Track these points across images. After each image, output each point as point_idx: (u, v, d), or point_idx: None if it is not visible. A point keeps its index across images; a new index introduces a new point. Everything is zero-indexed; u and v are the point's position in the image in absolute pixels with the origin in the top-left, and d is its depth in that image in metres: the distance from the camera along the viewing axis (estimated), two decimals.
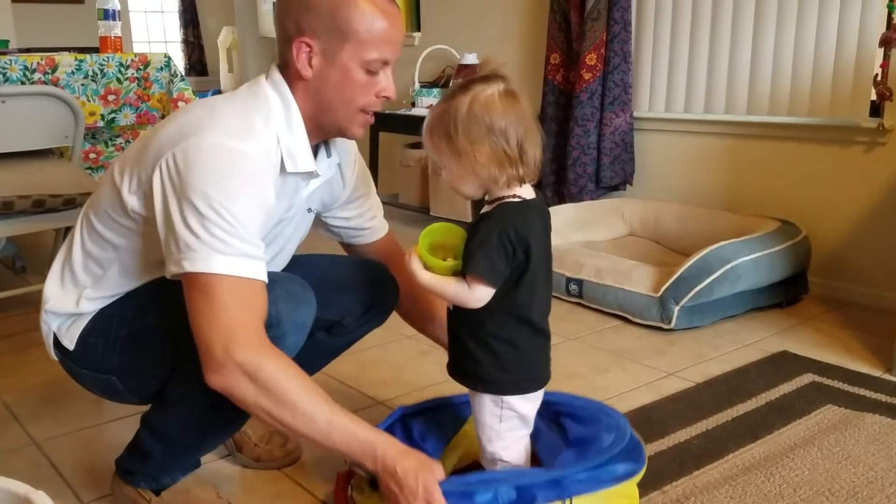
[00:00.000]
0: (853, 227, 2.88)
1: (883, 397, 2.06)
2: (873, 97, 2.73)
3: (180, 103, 2.47)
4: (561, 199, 3.63)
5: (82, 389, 1.57)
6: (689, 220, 3.18)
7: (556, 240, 3.13)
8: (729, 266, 2.56)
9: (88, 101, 2.48)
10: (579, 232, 3.30)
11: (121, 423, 1.98)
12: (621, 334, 2.59)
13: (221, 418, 1.47)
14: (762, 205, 3.12)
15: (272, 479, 1.73)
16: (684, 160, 3.37)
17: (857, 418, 1.93)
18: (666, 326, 2.59)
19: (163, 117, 2.55)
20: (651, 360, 2.37)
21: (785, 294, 2.81)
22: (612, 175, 3.50)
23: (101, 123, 2.53)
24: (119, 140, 2.62)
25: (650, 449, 1.81)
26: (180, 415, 1.47)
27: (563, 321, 2.71)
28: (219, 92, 8.63)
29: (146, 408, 1.53)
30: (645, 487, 1.65)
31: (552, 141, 3.65)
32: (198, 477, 1.60)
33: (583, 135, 3.46)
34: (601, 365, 2.33)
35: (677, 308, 2.56)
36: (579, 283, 2.83)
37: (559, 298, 2.92)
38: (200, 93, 8.95)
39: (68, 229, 3.15)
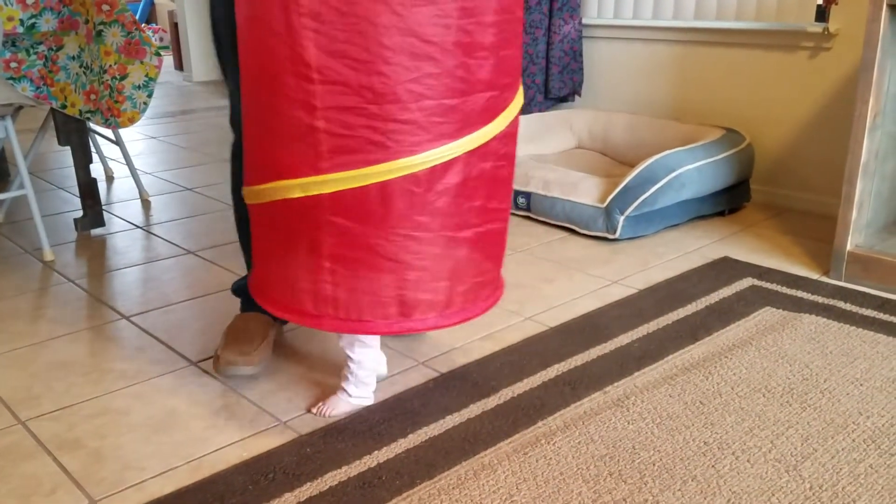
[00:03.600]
0: (796, 134, 2.90)
1: (820, 299, 2.11)
2: (820, 1, 2.72)
3: (104, 7, 2.33)
4: None
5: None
6: (637, 131, 3.16)
7: None
8: (674, 174, 2.56)
9: (6, 4, 2.32)
10: (528, 144, 3.27)
11: (57, 342, 1.93)
12: (568, 245, 2.60)
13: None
14: (709, 113, 3.12)
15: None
16: (632, 69, 3.34)
17: (795, 319, 1.98)
18: (611, 236, 2.60)
19: (87, 22, 2.40)
20: (596, 269, 2.38)
21: (728, 202, 2.84)
22: (560, 86, 3.46)
23: (20, 29, 2.37)
24: (41, 48, 2.47)
25: (593, 353, 1.83)
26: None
27: (511, 234, 2.71)
28: None
29: None
30: (587, 388, 1.67)
31: None
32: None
33: (531, 43, 3.39)
34: (547, 275, 2.34)
35: (622, 218, 2.56)
36: (527, 196, 2.81)
37: None
38: (131, 2, 8.51)
39: None
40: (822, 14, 2.74)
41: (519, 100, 1.47)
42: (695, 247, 2.56)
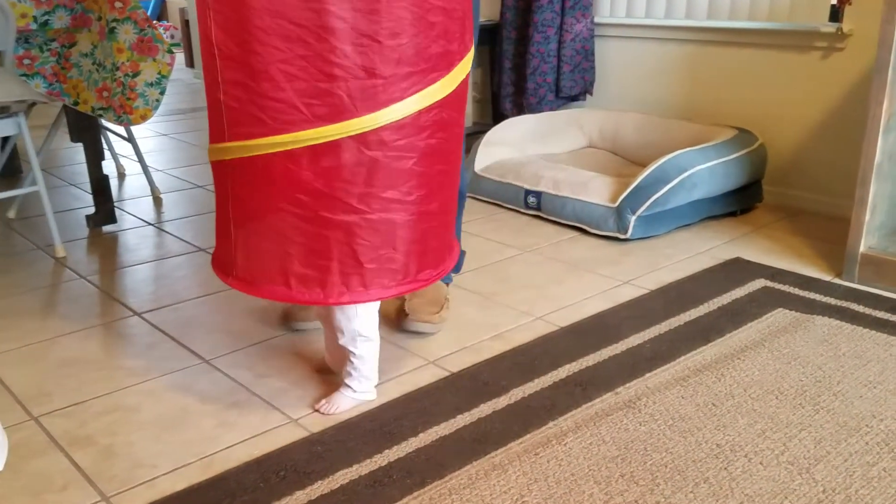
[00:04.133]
0: (808, 134, 2.88)
1: (832, 300, 2.10)
2: (833, 1, 2.70)
3: (117, 4, 2.33)
4: (520, 110, 3.57)
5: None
6: (648, 130, 3.15)
7: (514, 152, 3.13)
8: (685, 174, 2.55)
9: (19, 1, 2.33)
10: (538, 144, 3.26)
11: (69, 338, 1.94)
12: (578, 245, 2.59)
13: None
14: (721, 113, 3.10)
15: None
16: (644, 68, 3.32)
17: (807, 321, 1.97)
18: (622, 236, 2.59)
19: (99, 19, 2.41)
20: (606, 269, 2.38)
21: (739, 202, 2.83)
22: (572, 84, 3.45)
23: (33, 26, 2.37)
24: (54, 45, 2.47)
25: (604, 353, 1.82)
26: None
27: (521, 234, 2.70)
28: None
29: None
30: (598, 389, 1.67)
31: (511, 49, 3.56)
32: None
33: (543, 42, 3.38)
34: (557, 275, 2.33)
35: (634, 218, 2.56)
36: (538, 195, 2.81)
37: (518, 211, 2.91)
38: None
39: (6, 140, 3.01)
40: (835, 14, 2.73)
41: (429, 96, 1.42)
42: (706, 247, 2.55)
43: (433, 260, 1.57)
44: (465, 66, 1.50)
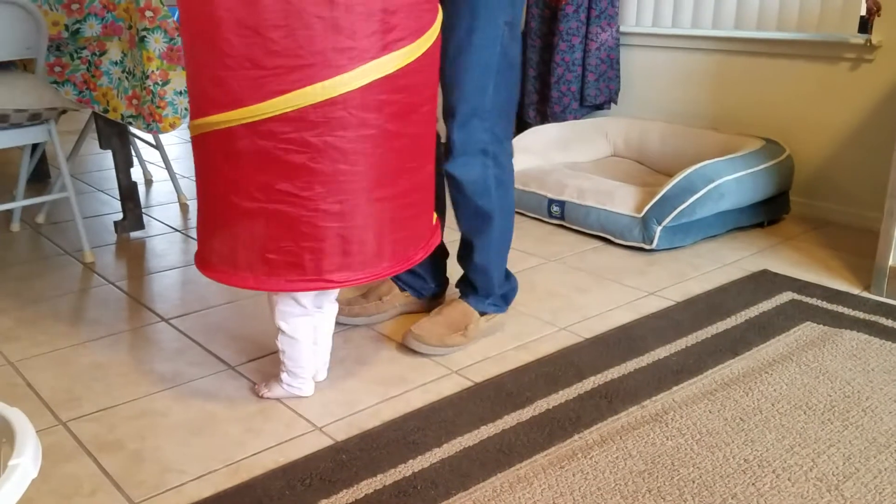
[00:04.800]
0: (836, 146, 2.86)
1: (861, 314, 2.07)
2: (863, 12, 2.68)
3: (147, 13, 2.36)
4: (544, 119, 3.57)
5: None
6: (673, 140, 3.14)
7: (538, 160, 3.13)
8: (712, 185, 2.53)
9: (51, 9, 2.36)
10: (562, 152, 3.26)
11: (98, 343, 1.96)
12: (602, 255, 2.58)
13: None
14: (747, 123, 3.08)
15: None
16: (670, 77, 3.31)
17: (836, 335, 1.94)
18: (647, 247, 2.58)
19: (129, 28, 2.44)
20: (631, 279, 2.37)
21: (766, 213, 2.81)
22: (596, 93, 3.44)
23: (65, 34, 2.41)
24: (85, 52, 2.51)
25: (630, 366, 1.81)
26: None
27: (544, 242, 2.70)
28: None
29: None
30: (624, 402, 1.66)
31: (535, 57, 3.56)
32: None
33: (567, 51, 3.38)
34: (581, 285, 2.32)
35: (659, 228, 2.54)
36: (561, 204, 2.80)
37: (541, 220, 2.90)
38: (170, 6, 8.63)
39: (36, 146, 3.06)
40: (864, 25, 2.70)
41: (318, 92, 1.39)
42: (733, 259, 2.53)
43: (354, 262, 1.52)
44: (380, 66, 1.42)
